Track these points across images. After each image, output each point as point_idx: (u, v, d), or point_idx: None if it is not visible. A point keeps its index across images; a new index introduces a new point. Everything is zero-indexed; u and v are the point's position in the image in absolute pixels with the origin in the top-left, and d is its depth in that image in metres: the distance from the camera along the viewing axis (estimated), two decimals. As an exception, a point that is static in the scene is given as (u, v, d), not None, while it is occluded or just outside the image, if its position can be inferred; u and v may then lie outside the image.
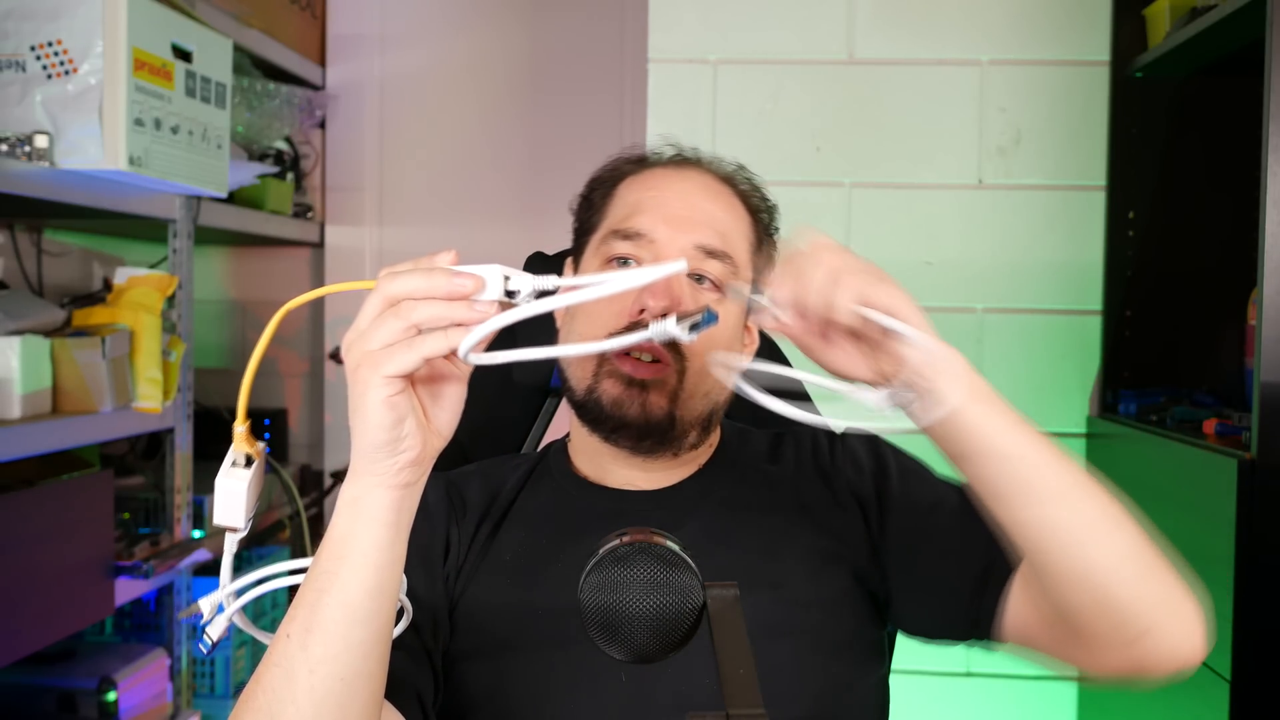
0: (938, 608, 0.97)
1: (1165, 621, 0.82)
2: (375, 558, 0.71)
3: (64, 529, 1.72)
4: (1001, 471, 0.80)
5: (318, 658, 0.71)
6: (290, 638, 0.72)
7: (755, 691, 0.59)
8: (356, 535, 0.71)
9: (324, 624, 0.71)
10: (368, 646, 0.72)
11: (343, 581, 0.71)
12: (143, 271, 1.98)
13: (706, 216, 1.01)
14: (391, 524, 0.72)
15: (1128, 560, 0.80)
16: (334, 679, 0.71)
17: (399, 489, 0.71)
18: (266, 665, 0.73)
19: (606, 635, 0.67)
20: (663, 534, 0.69)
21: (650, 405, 0.97)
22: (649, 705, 0.91)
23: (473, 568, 1.00)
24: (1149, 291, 2.04)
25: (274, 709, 0.71)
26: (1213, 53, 1.86)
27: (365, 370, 0.68)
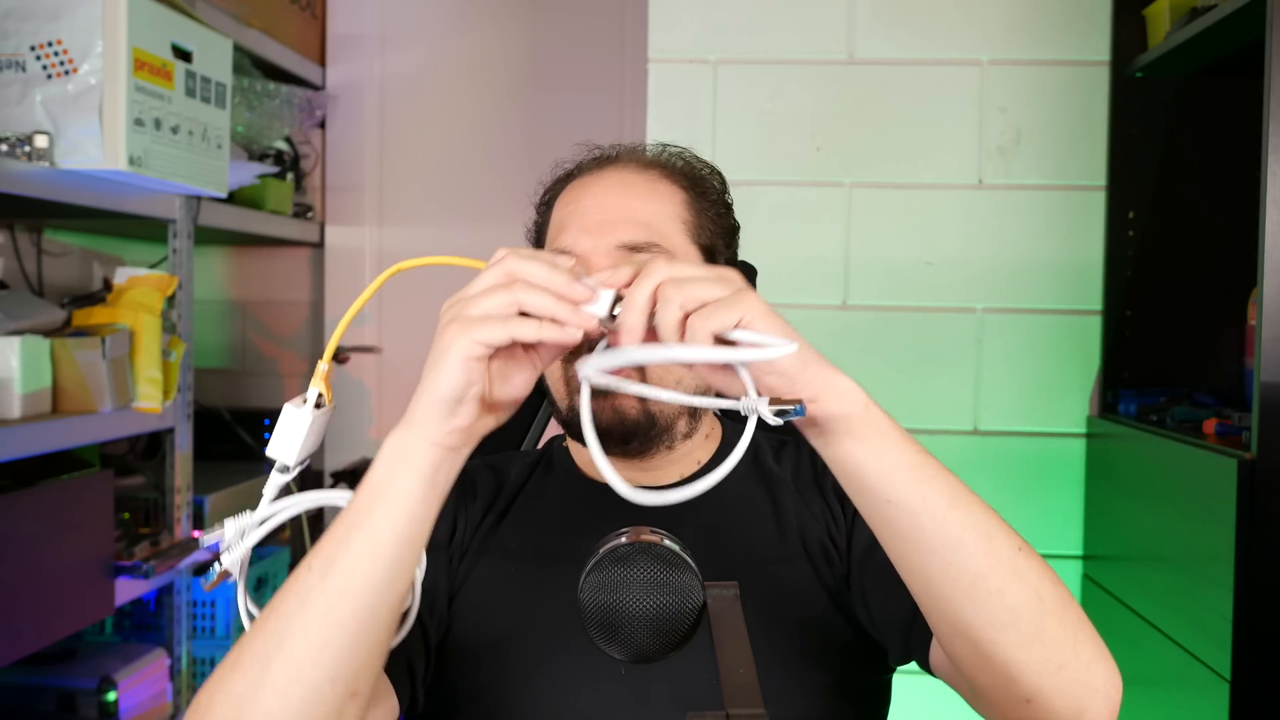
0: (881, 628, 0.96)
1: (1060, 685, 0.77)
2: (409, 506, 0.73)
3: (64, 529, 1.72)
4: (882, 516, 0.77)
5: (337, 590, 0.73)
6: (312, 569, 0.74)
7: (755, 691, 0.59)
8: (395, 481, 0.73)
9: (349, 558, 0.73)
10: (385, 590, 0.74)
11: (374, 521, 0.73)
12: (143, 271, 1.98)
13: (624, 213, 1.00)
14: (429, 478, 0.74)
15: (1016, 622, 0.76)
16: (348, 613, 0.72)
17: (444, 449, 0.74)
18: (283, 594, 0.74)
19: (606, 635, 0.67)
20: (663, 534, 0.69)
21: (621, 408, 0.97)
22: (648, 699, 0.91)
23: (477, 553, 1.01)
24: (1149, 291, 2.04)
25: (283, 633, 0.72)
26: (1213, 53, 1.86)
27: (458, 327, 0.71)
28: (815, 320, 2.05)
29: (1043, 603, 0.77)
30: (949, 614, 0.78)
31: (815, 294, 2.07)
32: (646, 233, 1.00)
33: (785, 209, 2.09)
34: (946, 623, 0.78)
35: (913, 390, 2.04)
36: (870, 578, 0.96)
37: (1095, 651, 0.79)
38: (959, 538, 0.76)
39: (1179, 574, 1.66)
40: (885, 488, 0.76)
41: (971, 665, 0.79)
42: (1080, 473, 2.07)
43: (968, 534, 0.76)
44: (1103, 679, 0.78)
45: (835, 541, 1.01)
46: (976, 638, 0.77)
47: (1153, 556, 1.77)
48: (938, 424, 2.05)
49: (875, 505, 0.77)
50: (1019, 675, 0.77)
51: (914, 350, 2.07)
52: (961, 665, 0.81)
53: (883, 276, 2.06)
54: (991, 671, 0.78)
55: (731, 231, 1.10)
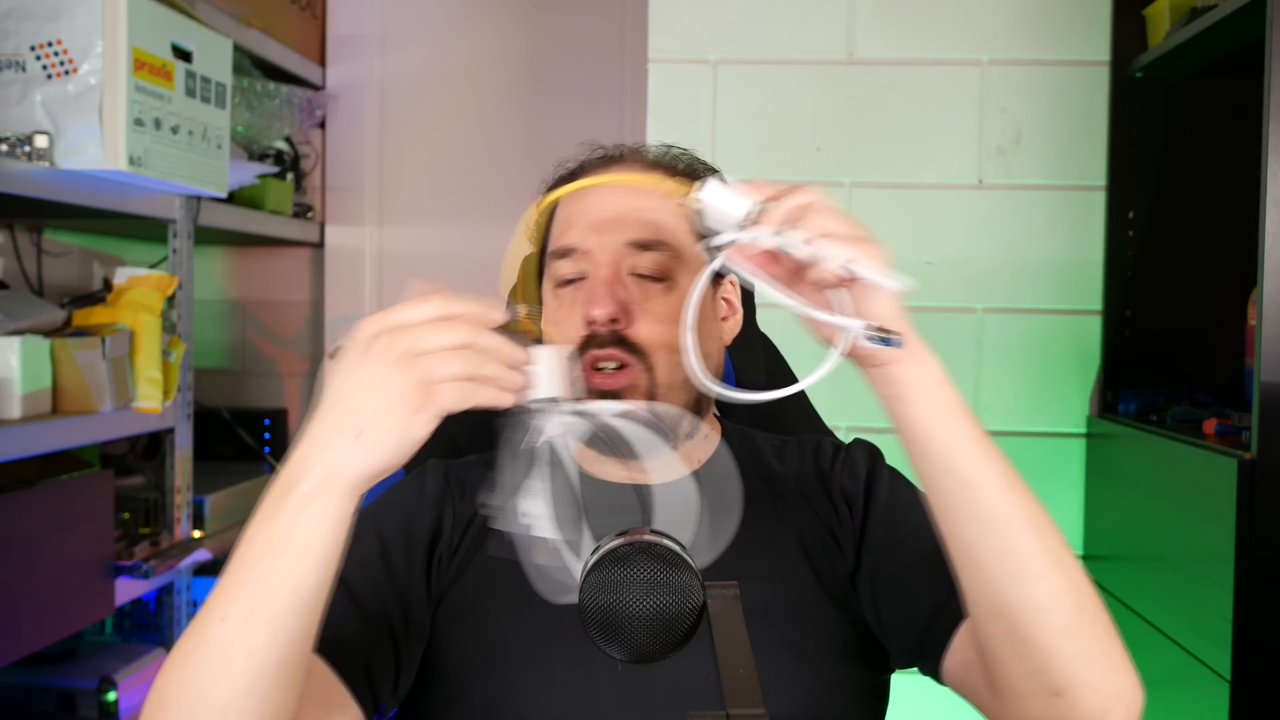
0: (891, 632, 0.97)
1: (1090, 681, 0.79)
2: (333, 554, 0.72)
3: (64, 529, 1.72)
4: (942, 485, 0.80)
5: (260, 644, 0.71)
6: (227, 621, 0.71)
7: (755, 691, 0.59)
8: (321, 531, 0.71)
9: (273, 612, 0.71)
10: (308, 636, 0.73)
11: (300, 574, 0.71)
12: (143, 271, 1.98)
13: (631, 212, 1.00)
14: (348, 521, 0.72)
15: (1057, 608, 0.78)
16: (273, 665, 0.71)
17: (362, 493, 0.72)
18: (196, 643, 0.72)
19: (606, 635, 0.67)
20: (662, 533, 0.69)
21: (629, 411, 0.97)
22: (646, 695, 0.91)
23: (467, 555, 1.00)
24: (1149, 291, 2.04)
25: (204, 687, 0.71)
26: (1213, 53, 1.86)
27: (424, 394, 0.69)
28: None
29: (1081, 597, 0.79)
30: (993, 591, 0.79)
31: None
32: (654, 231, 1.00)
33: (785, 209, 2.09)
34: (989, 600, 0.80)
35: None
36: (885, 579, 0.97)
37: (1122, 658, 0.81)
38: (1012, 517, 0.78)
39: (1179, 574, 1.67)
40: (949, 457, 0.79)
41: (1005, 650, 0.80)
42: (1080, 473, 2.07)
43: (1021, 516, 0.79)
44: (1127, 685, 0.80)
45: (839, 542, 1.01)
46: (1016, 619, 0.78)
47: (1153, 556, 1.77)
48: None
49: (937, 474, 0.80)
50: (1052, 664, 0.78)
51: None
52: (994, 651, 0.82)
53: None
54: (1025, 658, 0.79)
55: None
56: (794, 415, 1.32)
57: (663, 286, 0.99)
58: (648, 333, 0.97)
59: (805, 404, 1.34)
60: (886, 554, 0.98)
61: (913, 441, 0.80)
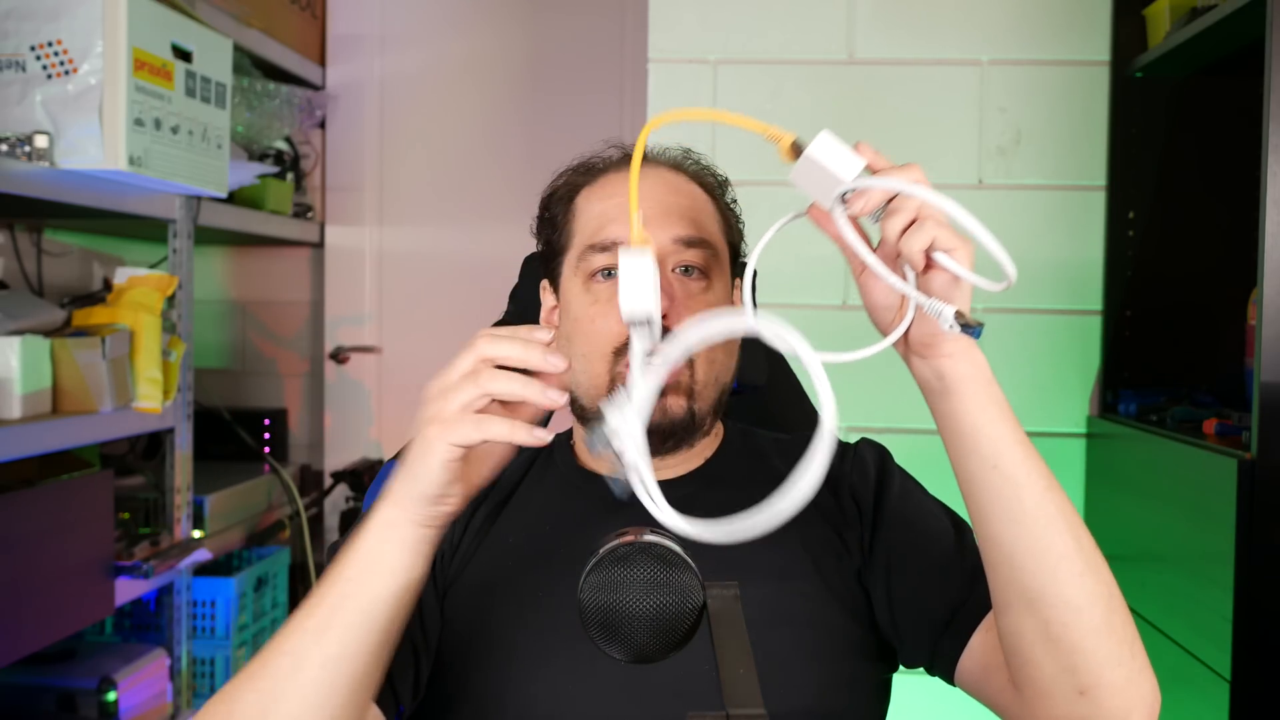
0: (906, 634, 0.97)
1: (1117, 682, 0.80)
2: (403, 578, 0.78)
3: (64, 529, 1.72)
4: (985, 480, 0.80)
5: (333, 655, 0.77)
6: (306, 631, 0.78)
7: (755, 691, 0.59)
8: (387, 555, 0.78)
9: (344, 625, 0.77)
10: (379, 652, 0.79)
11: (370, 592, 0.78)
12: (143, 271, 1.98)
13: (676, 209, 1.01)
14: (423, 554, 0.79)
15: (1090, 608, 0.79)
16: (342, 675, 0.77)
17: (433, 529, 0.79)
18: (274, 652, 0.79)
19: (606, 635, 0.67)
20: (662, 533, 0.69)
21: (670, 408, 0.97)
22: (649, 694, 0.91)
23: (471, 549, 1.00)
24: (1149, 291, 2.04)
25: (277, 691, 0.77)
26: (1213, 53, 1.86)
27: (437, 429, 0.75)
28: (815, 320, 2.05)
29: (1112, 599, 0.81)
30: (1028, 589, 0.80)
31: (815, 294, 2.07)
32: (699, 229, 1.01)
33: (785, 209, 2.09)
34: (1023, 598, 0.81)
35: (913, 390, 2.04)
36: (898, 580, 0.97)
37: (1145, 662, 0.82)
38: (1053, 516, 0.79)
39: (1179, 574, 1.67)
40: (995, 454, 0.80)
41: (1035, 648, 0.81)
42: (1080, 473, 2.07)
43: (1060, 515, 0.80)
44: (1149, 689, 0.81)
45: (846, 541, 1.01)
46: (1049, 616, 0.79)
47: (1153, 556, 1.77)
48: (938, 424, 2.05)
49: (981, 470, 0.80)
50: (1081, 662, 0.79)
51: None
52: (1023, 649, 0.82)
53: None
54: (1055, 655, 0.80)
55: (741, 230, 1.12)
56: (795, 415, 1.32)
57: (703, 285, 1.00)
58: None
59: (806, 404, 1.34)
60: (899, 555, 0.98)
61: (958, 437, 0.81)
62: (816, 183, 0.78)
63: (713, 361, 0.99)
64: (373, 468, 2.82)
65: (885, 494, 1.03)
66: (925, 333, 0.80)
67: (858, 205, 0.77)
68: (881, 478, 1.04)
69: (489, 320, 1.34)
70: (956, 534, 0.99)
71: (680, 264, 0.99)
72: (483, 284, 2.77)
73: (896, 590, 0.97)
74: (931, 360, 0.80)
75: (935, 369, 0.81)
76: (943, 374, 0.80)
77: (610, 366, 0.98)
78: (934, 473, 1.08)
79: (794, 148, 0.77)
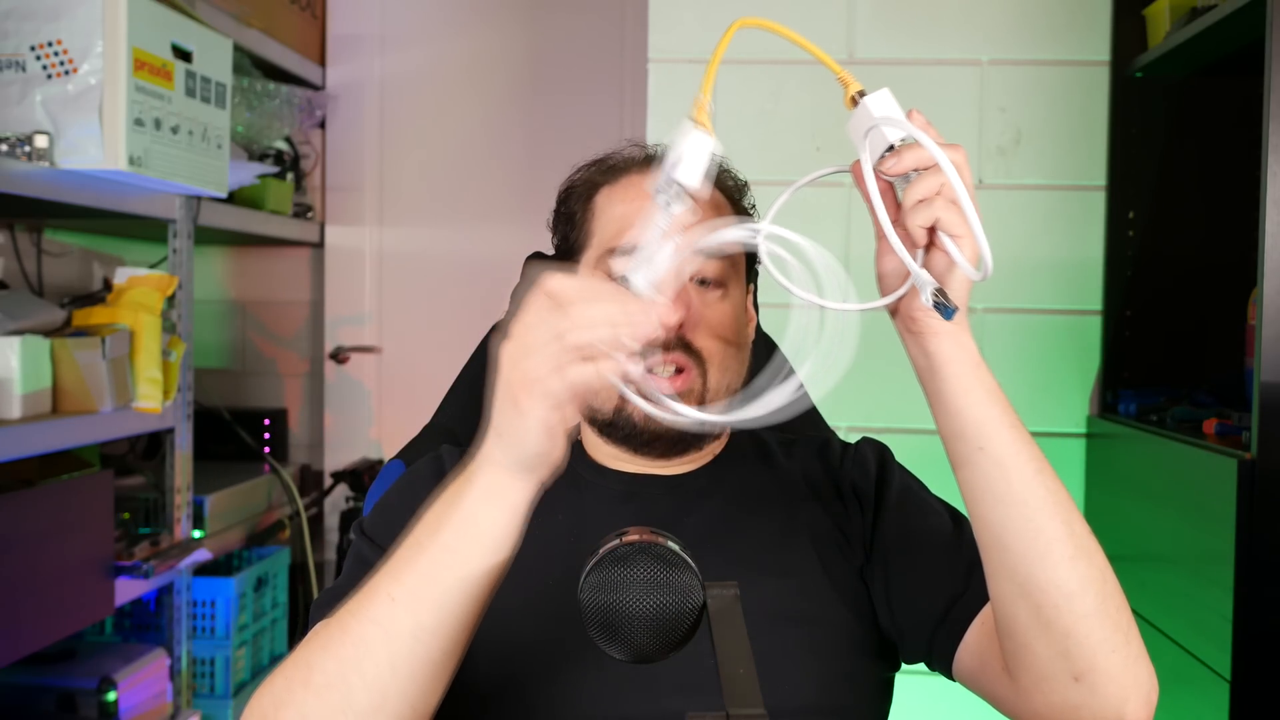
0: (906, 629, 0.98)
1: (1112, 668, 0.80)
2: (507, 544, 0.75)
3: (64, 529, 1.72)
4: (973, 463, 0.81)
5: (427, 627, 0.74)
6: (396, 601, 0.74)
7: (755, 691, 0.59)
8: (495, 522, 0.74)
9: (440, 596, 0.74)
10: (472, 625, 0.76)
11: (472, 561, 0.74)
12: (143, 271, 1.98)
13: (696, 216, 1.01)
14: (526, 516, 0.76)
15: (1082, 593, 0.79)
16: (435, 649, 0.74)
17: (539, 486, 0.76)
18: (360, 620, 0.75)
19: (607, 635, 0.67)
20: (663, 534, 0.69)
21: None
22: (653, 690, 0.91)
23: None
24: (1149, 291, 2.04)
25: (364, 661, 0.73)
26: (1213, 53, 1.86)
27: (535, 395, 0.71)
28: (815, 320, 2.05)
29: (1106, 585, 0.80)
30: (1019, 573, 0.80)
31: (815, 294, 2.07)
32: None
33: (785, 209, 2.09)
34: (1015, 582, 0.81)
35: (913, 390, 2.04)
36: (898, 575, 0.98)
37: (1141, 649, 0.82)
38: (1042, 499, 0.79)
39: (1179, 574, 1.66)
40: (980, 436, 0.80)
41: (1028, 633, 0.81)
42: (1080, 473, 2.07)
43: (1050, 499, 0.80)
44: (1145, 676, 0.81)
45: (849, 538, 1.02)
46: (1041, 601, 0.79)
47: (1153, 556, 1.77)
48: (938, 424, 2.05)
49: (968, 451, 0.81)
50: (1075, 648, 0.79)
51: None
52: (1017, 634, 0.82)
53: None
54: (1048, 640, 0.80)
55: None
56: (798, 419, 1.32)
57: (720, 293, 1.01)
58: (707, 340, 0.99)
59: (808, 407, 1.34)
60: (899, 551, 0.99)
61: (946, 418, 0.82)
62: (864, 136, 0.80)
63: (725, 369, 1.00)
64: (373, 468, 2.82)
65: (885, 489, 1.03)
66: (912, 307, 0.81)
67: (888, 164, 0.78)
68: (882, 474, 1.05)
69: (489, 320, 1.34)
70: (955, 527, 0.99)
71: (699, 275, 1.00)
72: (483, 284, 2.77)
73: (895, 584, 0.98)
74: (921, 339, 0.81)
75: (923, 347, 0.81)
76: (929, 353, 0.81)
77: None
78: (934, 472, 1.08)
79: (855, 99, 0.80)
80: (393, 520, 0.97)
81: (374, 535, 0.98)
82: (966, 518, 1.00)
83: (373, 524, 1.00)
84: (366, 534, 0.99)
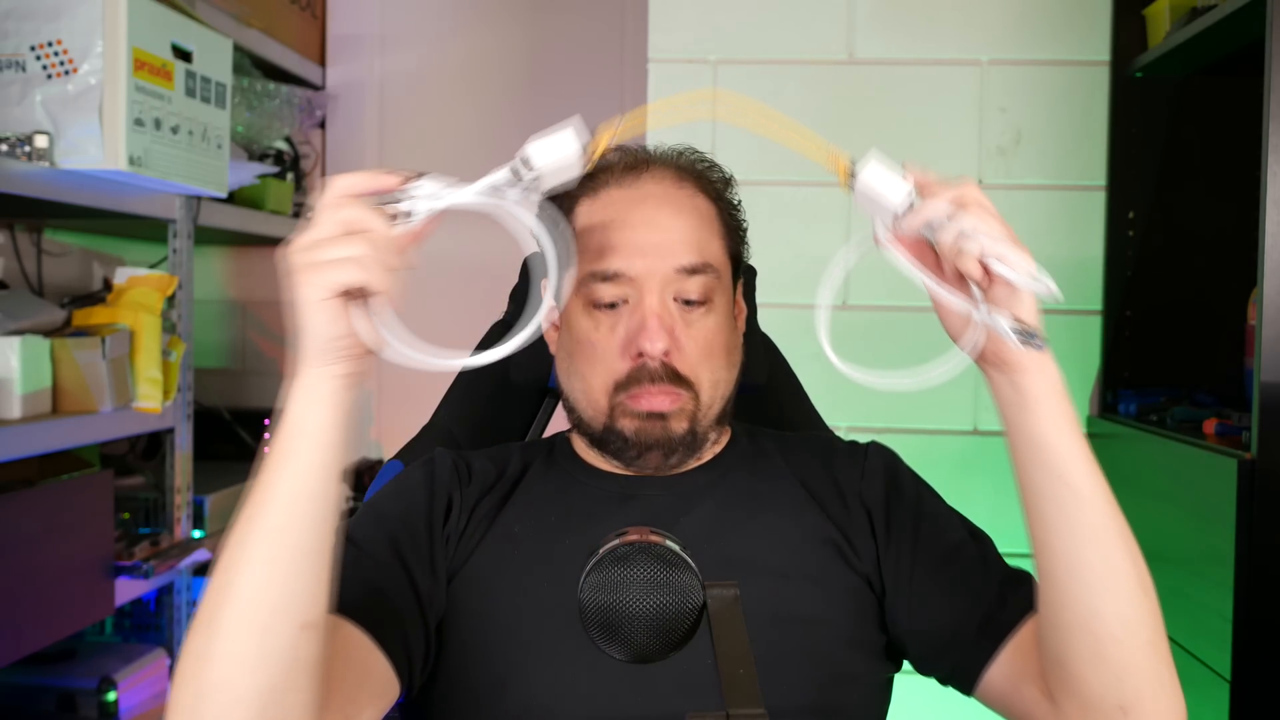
0: (924, 645, 0.97)
1: (1155, 699, 0.82)
2: (326, 436, 0.77)
3: (64, 529, 1.72)
4: (1052, 493, 0.81)
5: (272, 527, 0.76)
6: (247, 518, 0.77)
7: (755, 691, 0.59)
8: (309, 416, 0.77)
9: (278, 495, 0.76)
10: (314, 522, 0.76)
11: (297, 455, 0.77)
12: (143, 271, 1.98)
13: (677, 234, 1.00)
14: (339, 406, 0.78)
15: (1140, 625, 0.81)
16: (285, 547, 0.75)
17: (341, 377, 0.78)
18: (225, 547, 0.77)
19: (606, 635, 0.67)
20: (663, 533, 0.69)
21: (672, 429, 0.99)
22: (651, 685, 0.91)
23: (475, 537, 1.00)
24: (1149, 291, 2.04)
25: (227, 582, 0.75)
26: (1213, 53, 1.86)
27: (305, 274, 0.76)
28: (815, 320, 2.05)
29: (1158, 621, 0.82)
30: (1084, 605, 0.81)
31: (815, 294, 2.07)
32: (699, 254, 1.00)
33: (785, 209, 2.09)
34: (1077, 613, 0.81)
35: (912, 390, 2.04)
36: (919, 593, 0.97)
37: (1177, 683, 0.84)
38: (1114, 534, 0.81)
39: (1179, 574, 1.66)
40: (1066, 469, 0.80)
41: (1083, 662, 0.81)
42: (1080, 473, 2.07)
43: (1120, 534, 0.81)
44: (1181, 707, 0.84)
45: (850, 540, 1.01)
46: (1102, 633, 0.80)
47: (1153, 556, 1.75)
48: (938, 424, 2.05)
49: (1050, 483, 0.80)
50: (1128, 679, 0.81)
51: (914, 350, 2.07)
52: (1070, 663, 0.82)
53: (883, 277, 2.06)
54: (1102, 671, 0.81)
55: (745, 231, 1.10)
56: (795, 415, 1.32)
57: (704, 310, 1.00)
58: (694, 360, 0.99)
59: (806, 403, 1.34)
60: (918, 568, 0.98)
61: (1030, 451, 0.81)
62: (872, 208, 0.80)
63: (716, 385, 1.00)
64: (373, 468, 2.82)
65: (898, 503, 1.02)
66: (994, 350, 0.81)
67: (906, 224, 0.79)
68: (893, 485, 1.04)
69: (489, 320, 1.34)
70: (977, 546, 0.98)
71: (678, 295, 0.99)
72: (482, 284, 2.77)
73: (915, 602, 0.97)
74: (1014, 376, 0.81)
75: (1016, 384, 0.81)
76: (1022, 388, 0.80)
77: (610, 398, 0.99)
78: (935, 473, 1.08)
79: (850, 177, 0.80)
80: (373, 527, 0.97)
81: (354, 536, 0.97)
82: (985, 534, 1.00)
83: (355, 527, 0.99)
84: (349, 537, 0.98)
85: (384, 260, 0.76)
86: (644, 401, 0.98)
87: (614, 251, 0.99)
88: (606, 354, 0.99)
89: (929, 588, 0.97)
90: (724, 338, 1.02)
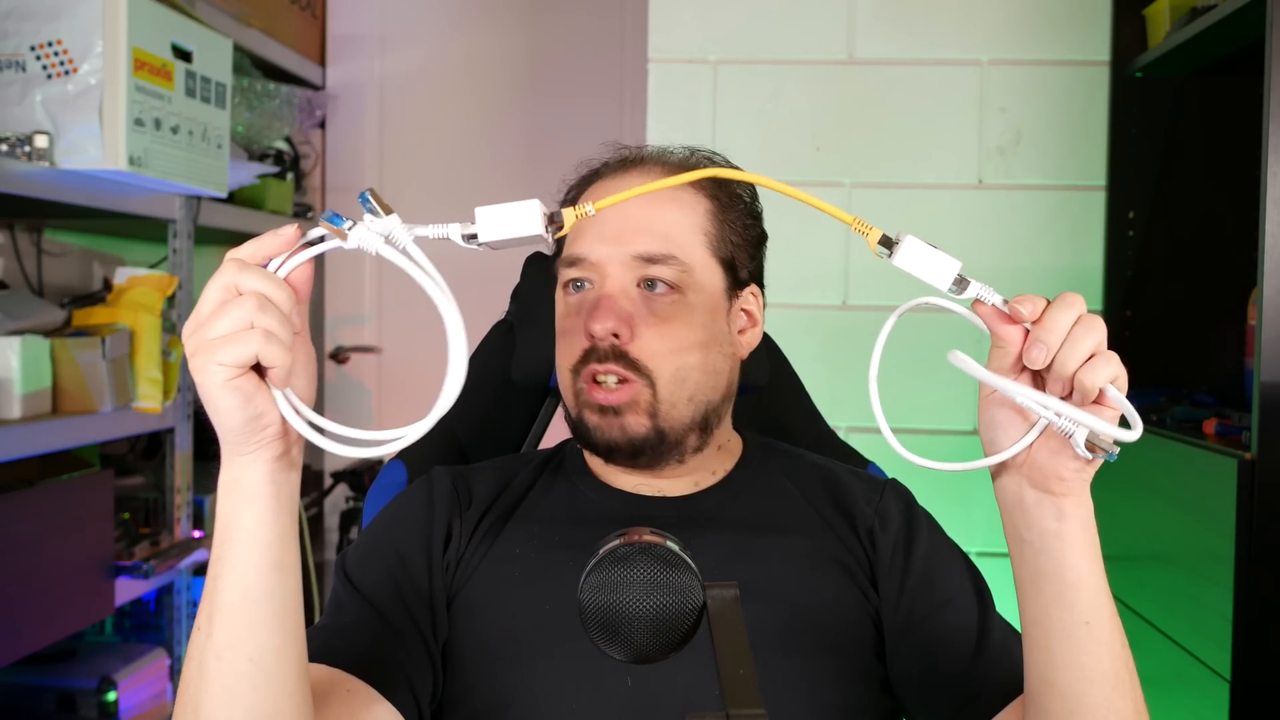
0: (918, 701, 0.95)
1: None
2: (261, 534, 0.71)
3: (64, 529, 1.72)
4: (1069, 627, 0.77)
5: (223, 642, 0.71)
6: (199, 629, 0.72)
7: (755, 691, 0.59)
8: (239, 515, 0.71)
9: (223, 608, 0.71)
10: (271, 624, 0.72)
11: (234, 562, 0.71)
12: (143, 271, 1.98)
13: (643, 223, 0.99)
14: (272, 497, 0.71)
15: None
16: (241, 660, 0.71)
17: (271, 462, 0.71)
18: (186, 662, 0.73)
19: (606, 635, 0.67)
20: (662, 534, 0.68)
21: (629, 426, 0.96)
22: (654, 701, 0.91)
23: (476, 559, 0.99)
24: (1149, 291, 2.04)
25: (197, 700, 0.71)
26: (1213, 53, 1.86)
27: (201, 358, 0.68)
28: (815, 320, 2.05)
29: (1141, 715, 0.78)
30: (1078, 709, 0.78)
31: (815, 294, 2.07)
32: (665, 244, 0.98)
33: (785, 209, 2.09)
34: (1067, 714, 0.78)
35: (913, 390, 2.04)
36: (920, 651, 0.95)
37: None
38: (1126, 676, 0.77)
39: (1179, 574, 1.66)
40: (1092, 610, 0.76)
41: None
42: (1080, 473, 2.07)
43: (1131, 676, 0.78)
44: None
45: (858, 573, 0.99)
46: None
47: (1153, 556, 1.76)
48: (938, 424, 2.05)
49: (1073, 625, 0.76)
50: None
51: (914, 350, 2.08)
52: None
53: (883, 276, 2.06)
54: None
55: (758, 242, 1.08)
56: (795, 415, 1.32)
57: (670, 300, 0.98)
58: (651, 348, 0.96)
59: (807, 403, 1.34)
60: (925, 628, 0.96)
61: (1056, 586, 0.76)
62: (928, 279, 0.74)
63: (682, 381, 0.97)
64: (373, 468, 2.82)
65: (910, 554, 1.00)
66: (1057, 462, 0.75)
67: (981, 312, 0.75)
68: (908, 533, 1.01)
69: (489, 320, 1.34)
70: (980, 608, 0.96)
71: (641, 281, 0.98)
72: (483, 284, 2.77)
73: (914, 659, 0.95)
74: (1059, 500, 0.75)
75: (1059, 509, 0.75)
76: (1065, 514, 0.75)
77: (573, 382, 0.98)
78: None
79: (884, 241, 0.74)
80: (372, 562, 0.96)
81: (353, 576, 0.96)
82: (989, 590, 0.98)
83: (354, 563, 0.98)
84: (347, 574, 0.97)
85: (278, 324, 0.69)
86: (598, 394, 0.96)
87: (581, 236, 1.00)
88: (570, 334, 0.99)
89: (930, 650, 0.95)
90: (696, 334, 0.99)
